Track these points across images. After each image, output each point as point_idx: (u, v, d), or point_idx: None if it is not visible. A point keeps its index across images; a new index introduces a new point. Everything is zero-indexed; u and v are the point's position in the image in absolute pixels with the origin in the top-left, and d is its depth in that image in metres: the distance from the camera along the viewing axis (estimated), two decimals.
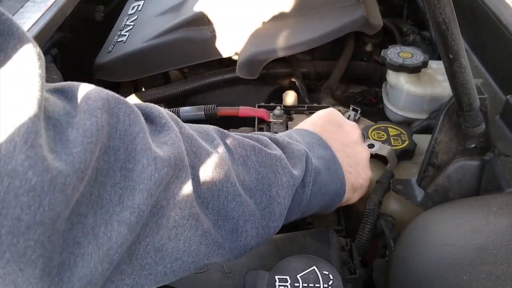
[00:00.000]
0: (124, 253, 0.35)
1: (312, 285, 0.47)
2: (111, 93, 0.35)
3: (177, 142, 0.39)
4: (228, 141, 0.48)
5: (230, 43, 1.04)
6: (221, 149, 0.46)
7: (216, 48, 1.05)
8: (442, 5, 0.47)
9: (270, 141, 0.53)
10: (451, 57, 0.52)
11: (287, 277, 0.48)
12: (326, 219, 0.82)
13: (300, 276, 0.48)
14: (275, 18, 1.03)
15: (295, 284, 0.47)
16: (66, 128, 0.31)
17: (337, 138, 0.62)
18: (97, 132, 0.31)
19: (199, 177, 0.42)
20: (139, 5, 1.28)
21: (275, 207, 0.49)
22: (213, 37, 1.05)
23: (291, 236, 0.62)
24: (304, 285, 0.47)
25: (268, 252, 0.59)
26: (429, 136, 0.67)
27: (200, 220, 0.41)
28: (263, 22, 1.03)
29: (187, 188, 0.39)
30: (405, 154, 0.80)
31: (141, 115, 0.37)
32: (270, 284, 0.47)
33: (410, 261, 0.56)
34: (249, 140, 0.50)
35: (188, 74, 1.14)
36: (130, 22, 1.20)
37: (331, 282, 0.47)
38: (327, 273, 0.48)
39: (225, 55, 1.05)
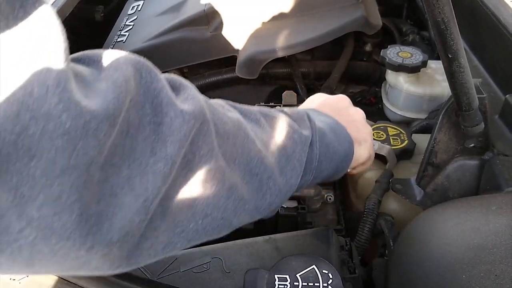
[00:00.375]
0: (158, 208, 0.35)
1: (312, 284, 0.47)
2: (128, 52, 0.36)
3: (197, 97, 0.39)
4: (237, 107, 0.49)
5: (230, 43, 1.04)
6: (234, 111, 0.47)
7: (216, 48, 1.05)
8: (441, 4, 0.47)
9: (269, 109, 0.54)
10: (450, 56, 0.53)
11: (287, 276, 0.48)
12: (326, 218, 0.82)
13: (299, 275, 0.48)
14: (274, 18, 1.03)
15: (295, 283, 0.47)
16: (94, 82, 0.31)
17: (327, 107, 0.62)
18: (125, 83, 0.32)
19: (221, 132, 0.42)
20: (139, 5, 1.28)
21: (294, 164, 0.50)
22: (213, 37, 1.05)
23: (290, 236, 0.62)
24: (303, 284, 0.47)
25: (268, 251, 0.60)
26: (429, 135, 0.68)
27: (226, 175, 0.41)
28: (263, 22, 1.03)
29: (211, 141, 0.40)
30: (405, 154, 0.80)
31: (160, 73, 0.37)
32: (269, 283, 0.48)
33: (410, 260, 0.56)
34: (254, 107, 0.52)
35: (187, 74, 1.14)
36: (130, 22, 1.20)
37: (330, 281, 0.47)
38: (326, 272, 0.48)
39: (224, 55, 1.05)
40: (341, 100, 0.65)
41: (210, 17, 1.06)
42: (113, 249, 0.32)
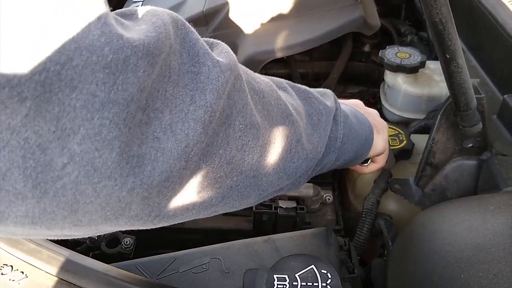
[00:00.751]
0: (199, 160, 0.36)
1: (311, 283, 0.47)
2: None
3: (231, 52, 0.40)
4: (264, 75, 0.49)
5: (229, 43, 1.04)
6: (262, 76, 0.47)
7: None
8: (438, 5, 0.48)
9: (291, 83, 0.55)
10: (448, 57, 0.53)
11: (286, 276, 0.48)
12: (325, 218, 0.82)
13: (298, 275, 0.48)
14: (273, 19, 1.03)
15: (294, 283, 0.47)
16: (134, 26, 0.32)
17: (345, 103, 0.63)
18: (164, 27, 0.32)
19: (255, 89, 0.43)
20: (138, 6, 1.28)
21: (320, 132, 0.51)
22: (212, 37, 1.05)
23: (289, 236, 0.62)
24: (302, 283, 0.47)
25: (267, 251, 0.60)
26: (427, 136, 0.68)
27: (260, 132, 0.42)
28: (262, 23, 1.03)
29: (246, 97, 0.40)
30: (403, 154, 0.80)
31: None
32: (268, 283, 0.48)
33: (408, 259, 0.56)
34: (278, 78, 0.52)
35: None
36: None
37: (329, 281, 0.47)
38: (325, 272, 0.48)
39: None
40: (355, 101, 0.67)
41: (209, 18, 1.06)
42: (153, 193, 0.33)
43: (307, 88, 0.54)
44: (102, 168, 0.29)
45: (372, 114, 0.66)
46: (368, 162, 0.66)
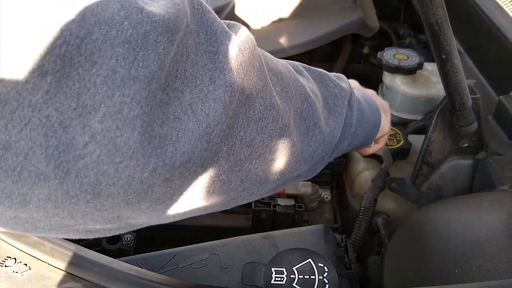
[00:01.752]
0: (220, 142, 0.35)
1: (308, 277, 0.48)
2: None
3: (248, 32, 0.39)
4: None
5: None
6: (280, 59, 0.47)
7: None
8: (434, 6, 0.49)
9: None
10: (443, 57, 0.54)
11: (283, 269, 0.49)
12: (323, 217, 0.83)
13: (296, 268, 0.49)
14: (273, 20, 1.04)
15: (291, 276, 0.48)
16: (151, 2, 0.31)
17: None
18: (183, 5, 0.31)
19: (274, 71, 0.42)
20: None
21: (336, 117, 0.50)
22: None
23: (287, 232, 0.63)
24: (300, 277, 0.48)
25: (265, 247, 0.61)
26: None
27: (280, 113, 0.41)
28: (262, 24, 1.05)
29: (265, 77, 0.39)
30: (400, 154, 0.81)
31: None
32: (266, 275, 0.48)
33: (404, 255, 0.57)
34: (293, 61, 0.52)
35: None
36: None
37: (326, 274, 0.48)
38: (322, 265, 0.49)
39: None
40: (352, 82, 0.66)
41: None
42: (175, 175, 0.32)
43: (323, 71, 0.54)
44: (124, 148, 0.28)
45: (374, 94, 0.66)
46: (372, 143, 0.67)
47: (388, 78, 0.91)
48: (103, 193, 0.29)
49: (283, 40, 0.99)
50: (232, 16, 1.06)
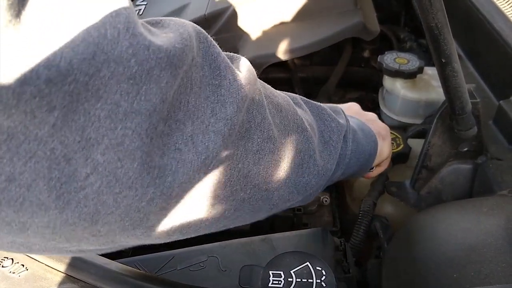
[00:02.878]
0: (220, 173, 0.36)
1: (305, 280, 0.48)
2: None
3: (250, 66, 0.40)
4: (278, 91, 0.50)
5: (230, 47, 1.06)
6: (280, 91, 0.48)
7: None
8: (434, 10, 0.49)
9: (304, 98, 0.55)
10: (443, 61, 0.54)
11: (281, 272, 0.49)
12: (322, 220, 0.83)
13: (293, 272, 0.49)
14: (274, 23, 1.05)
15: (289, 279, 0.48)
16: (161, 32, 0.32)
17: (345, 111, 0.63)
18: (190, 39, 0.32)
19: (274, 103, 0.43)
20: (140, 9, 1.29)
21: (330, 150, 0.51)
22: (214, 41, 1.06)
23: (286, 235, 0.63)
24: (297, 280, 0.48)
25: (264, 250, 0.60)
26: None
27: (276, 146, 0.42)
28: (263, 27, 1.05)
29: (264, 111, 0.40)
30: (400, 157, 0.81)
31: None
32: (264, 279, 0.48)
33: (403, 260, 0.57)
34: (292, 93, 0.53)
35: None
36: None
37: (323, 277, 0.48)
38: (320, 269, 0.49)
39: None
40: (353, 105, 0.67)
41: (211, 21, 1.08)
42: (171, 204, 0.33)
43: (321, 104, 0.54)
44: (123, 178, 0.29)
45: (372, 119, 0.66)
46: (374, 168, 0.67)
47: (388, 82, 0.91)
48: (101, 221, 0.30)
49: (284, 43, 0.99)
50: (232, 19, 1.06)
